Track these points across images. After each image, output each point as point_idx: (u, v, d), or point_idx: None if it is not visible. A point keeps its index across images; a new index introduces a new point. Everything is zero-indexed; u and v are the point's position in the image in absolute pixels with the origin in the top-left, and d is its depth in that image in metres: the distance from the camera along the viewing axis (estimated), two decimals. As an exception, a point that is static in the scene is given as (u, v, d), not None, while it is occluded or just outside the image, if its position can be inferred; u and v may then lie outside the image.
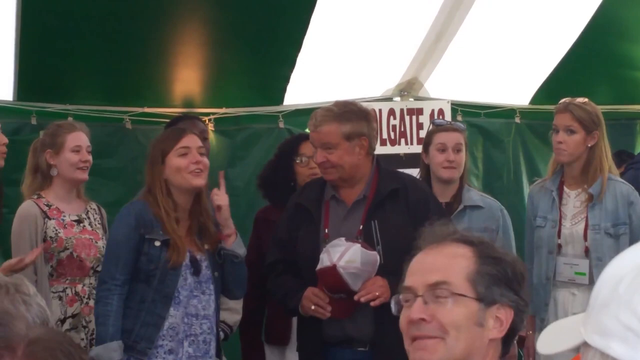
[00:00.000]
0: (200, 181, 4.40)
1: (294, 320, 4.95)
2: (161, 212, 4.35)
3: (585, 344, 1.63)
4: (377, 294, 4.28)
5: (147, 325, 4.32)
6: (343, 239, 4.32)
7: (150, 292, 4.32)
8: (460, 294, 2.18)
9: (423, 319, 2.19)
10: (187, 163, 4.38)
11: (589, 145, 5.07)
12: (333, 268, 4.23)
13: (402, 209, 4.44)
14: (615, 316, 1.59)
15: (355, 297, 4.28)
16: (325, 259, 4.28)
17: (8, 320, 1.40)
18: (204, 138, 5.35)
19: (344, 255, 4.24)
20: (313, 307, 4.34)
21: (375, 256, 4.31)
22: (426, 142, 5.29)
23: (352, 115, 4.48)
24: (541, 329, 5.11)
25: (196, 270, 4.40)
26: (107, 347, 4.24)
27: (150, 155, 4.50)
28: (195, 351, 4.42)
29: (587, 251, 5.05)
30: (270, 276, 4.64)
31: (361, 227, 4.43)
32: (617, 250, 5.01)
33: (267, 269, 4.66)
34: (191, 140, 4.45)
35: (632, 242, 5.05)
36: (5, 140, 4.96)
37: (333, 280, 4.27)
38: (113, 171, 6.35)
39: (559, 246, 5.10)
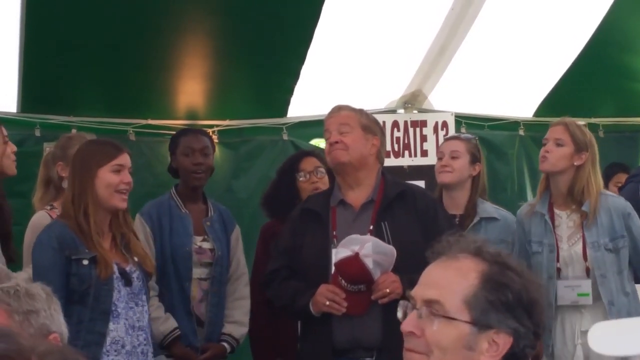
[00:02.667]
0: (123, 204, 4.35)
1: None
2: (84, 228, 4.24)
3: None
4: (387, 290, 4.28)
5: (89, 344, 4.16)
6: (357, 235, 4.33)
7: (87, 311, 4.18)
8: (451, 317, 2.13)
9: (413, 333, 2.16)
10: (118, 181, 4.30)
11: (576, 164, 5.02)
12: (356, 257, 4.23)
13: (410, 212, 4.49)
14: None
15: (373, 297, 4.29)
16: (342, 252, 4.27)
17: (12, 333, 1.39)
18: (205, 154, 5.34)
19: (364, 246, 4.25)
20: (328, 303, 4.31)
21: (392, 249, 4.32)
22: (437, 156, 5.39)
23: (370, 116, 4.71)
24: (547, 355, 5.09)
25: (127, 281, 4.29)
26: None
27: (80, 165, 4.36)
28: None
29: (588, 271, 5.01)
30: (273, 283, 4.63)
31: (371, 227, 4.44)
32: (619, 264, 4.98)
33: (269, 276, 4.64)
34: (126, 159, 4.37)
35: (633, 252, 5.03)
36: (14, 148, 4.96)
37: (355, 270, 4.25)
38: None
39: (558, 270, 5.05)
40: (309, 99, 6.73)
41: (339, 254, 4.29)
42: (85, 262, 4.22)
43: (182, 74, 6.33)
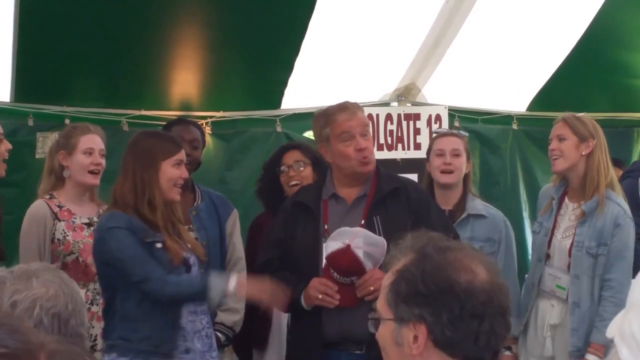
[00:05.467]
0: (178, 197, 4.47)
1: (274, 323, 4.98)
2: (148, 217, 4.33)
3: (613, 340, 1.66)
4: (371, 288, 4.28)
5: (164, 327, 4.28)
6: (347, 227, 4.33)
7: None
8: (379, 317, 2.27)
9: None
10: (177, 175, 4.43)
11: (583, 153, 5.03)
12: (347, 249, 4.23)
13: (403, 207, 4.46)
14: (630, 322, 1.61)
15: (358, 294, 4.29)
16: (333, 245, 4.27)
17: (21, 326, 1.38)
18: (194, 147, 5.33)
19: (355, 238, 4.25)
20: (320, 297, 4.31)
21: (382, 240, 4.29)
22: (428, 151, 5.39)
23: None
24: (524, 332, 5.15)
25: (188, 268, 4.39)
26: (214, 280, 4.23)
27: (145, 156, 4.43)
28: (202, 346, 4.44)
29: (569, 267, 5.04)
30: (265, 274, 4.61)
31: (363, 222, 4.43)
32: (594, 270, 4.98)
33: (260, 267, 4.62)
34: (184, 155, 4.50)
35: (607, 262, 4.99)
36: (9, 146, 4.95)
37: (347, 262, 4.25)
38: (109, 173, 6.29)
39: (547, 256, 5.09)
40: (302, 91, 6.73)
41: (329, 247, 4.30)
42: (159, 245, 4.30)
43: (176, 65, 6.32)
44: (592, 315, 4.94)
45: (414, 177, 6.10)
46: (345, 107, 4.56)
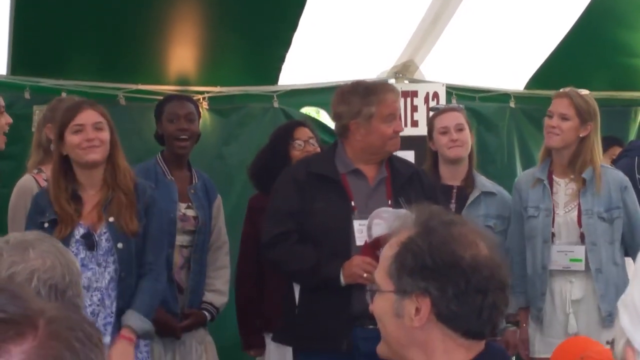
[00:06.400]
0: (93, 156, 4.39)
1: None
2: (55, 191, 4.35)
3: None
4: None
5: None
6: (388, 208, 4.35)
7: None
8: (378, 290, 2.27)
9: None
10: (79, 140, 4.36)
11: (581, 135, 5.07)
12: None
13: (419, 192, 4.51)
14: (633, 291, 1.65)
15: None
16: (379, 225, 4.24)
17: (22, 292, 1.38)
18: (190, 120, 5.32)
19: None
20: (365, 275, 4.24)
21: None
22: (429, 130, 5.39)
23: None
24: (537, 318, 5.13)
25: (89, 244, 4.34)
26: None
27: (53, 132, 4.50)
28: None
29: (582, 237, 5.05)
30: (280, 245, 4.53)
31: (389, 202, 4.46)
32: (612, 234, 5.04)
33: (275, 238, 4.54)
34: (86, 117, 4.41)
35: (627, 226, 5.08)
36: (10, 120, 4.94)
37: None
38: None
39: (553, 235, 5.10)
40: (300, 68, 6.72)
41: (376, 225, 4.26)
42: (46, 224, 4.30)
43: (174, 39, 6.31)
44: (617, 281, 4.97)
45: (410, 154, 6.11)
46: (391, 88, 4.66)
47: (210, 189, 5.38)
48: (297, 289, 4.66)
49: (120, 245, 4.38)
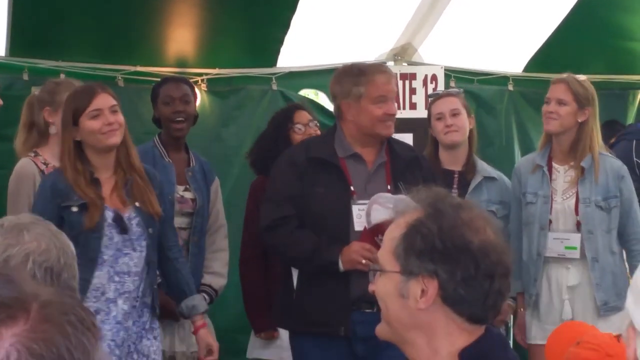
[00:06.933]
0: (114, 140, 4.35)
1: None
2: (74, 176, 4.30)
3: None
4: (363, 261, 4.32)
5: None
6: (387, 194, 4.34)
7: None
8: (383, 270, 2.25)
9: (374, 291, 2.31)
10: (99, 125, 4.31)
11: (579, 120, 5.08)
12: None
13: (418, 176, 4.49)
14: (637, 274, 1.68)
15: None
16: (380, 211, 4.22)
17: (16, 276, 1.38)
18: (185, 102, 5.32)
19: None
20: (364, 261, 4.25)
21: None
22: (428, 116, 5.38)
23: None
24: (530, 304, 5.15)
25: (122, 228, 4.32)
26: None
27: (62, 118, 4.44)
28: (130, 308, 4.34)
29: (579, 225, 5.06)
30: (280, 229, 4.53)
31: (389, 187, 4.47)
32: (609, 223, 5.05)
33: (277, 222, 4.53)
34: (102, 101, 4.37)
35: (622, 215, 5.09)
36: (0, 102, 4.90)
37: None
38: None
39: (550, 222, 5.11)
40: (299, 50, 6.71)
41: (375, 212, 4.26)
42: (75, 209, 4.26)
43: (172, 21, 6.30)
44: (614, 269, 4.99)
45: (409, 136, 6.11)
46: (383, 69, 4.63)
47: (208, 172, 5.39)
48: (295, 273, 4.65)
49: (151, 230, 4.40)
